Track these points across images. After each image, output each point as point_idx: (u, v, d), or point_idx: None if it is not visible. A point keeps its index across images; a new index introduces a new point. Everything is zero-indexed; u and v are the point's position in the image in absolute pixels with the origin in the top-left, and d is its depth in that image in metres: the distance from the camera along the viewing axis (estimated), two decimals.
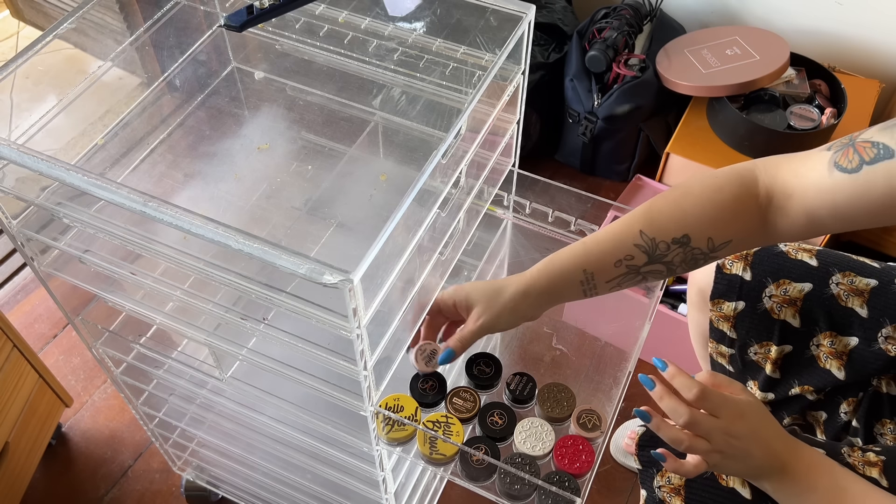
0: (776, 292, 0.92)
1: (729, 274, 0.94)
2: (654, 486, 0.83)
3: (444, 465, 0.83)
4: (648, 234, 0.75)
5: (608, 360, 1.05)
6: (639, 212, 0.77)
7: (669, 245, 0.75)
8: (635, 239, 0.76)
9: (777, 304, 0.92)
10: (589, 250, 0.78)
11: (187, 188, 0.99)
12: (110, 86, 0.88)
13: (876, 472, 0.77)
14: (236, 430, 1.02)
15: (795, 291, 0.91)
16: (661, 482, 0.83)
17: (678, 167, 1.66)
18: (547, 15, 1.76)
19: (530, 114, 1.75)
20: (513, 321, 0.82)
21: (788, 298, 0.91)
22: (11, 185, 0.73)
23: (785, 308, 0.92)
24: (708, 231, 0.75)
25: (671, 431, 0.70)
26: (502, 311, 0.80)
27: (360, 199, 1.04)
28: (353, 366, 0.69)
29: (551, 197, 1.01)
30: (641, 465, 0.84)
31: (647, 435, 0.84)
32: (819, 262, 0.91)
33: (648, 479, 0.84)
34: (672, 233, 0.75)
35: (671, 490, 0.82)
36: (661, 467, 0.83)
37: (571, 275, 0.78)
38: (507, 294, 0.80)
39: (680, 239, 0.75)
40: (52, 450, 1.40)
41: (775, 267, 0.92)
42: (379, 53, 0.95)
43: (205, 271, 0.70)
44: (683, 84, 1.62)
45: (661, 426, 0.71)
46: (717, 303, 0.95)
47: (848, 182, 0.68)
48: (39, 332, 1.57)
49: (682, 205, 0.76)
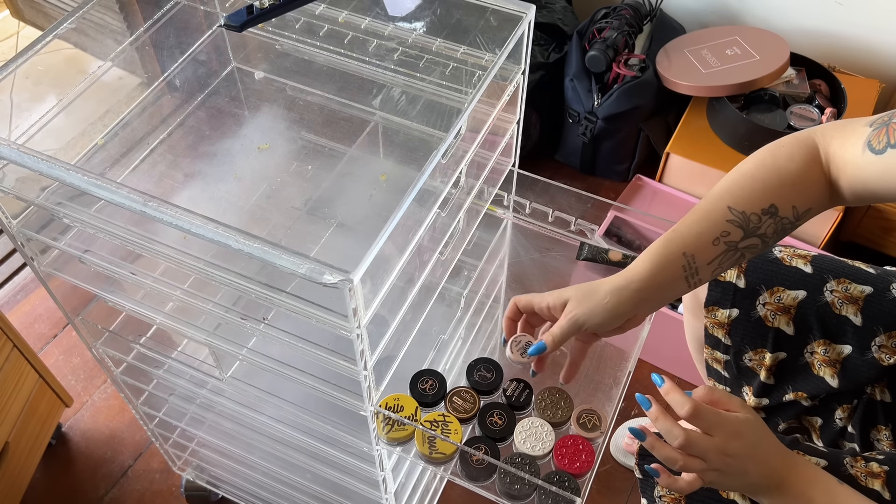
0: (770, 300, 0.91)
1: (723, 281, 0.93)
2: (655, 495, 0.83)
3: (443, 465, 0.83)
4: (737, 209, 0.74)
5: (608, 360, 1.05)
6: (718, 190, 0.77)
7: (760, 217, 0.75)
8: (726, 215, 0.75)
9: (771, 311, 0.91)
10: (683, 234, 0.76)
11: (187, 188, 0.99)
12: (110, 86, 0.88)
13: (878, 484, 0.76)
14: (236, 430, 1.02)
15: (789, 299, 0.91)
16: (662, 492, 0.83)
17: (678, 167, 1.66)
18: (547, 15, 1.76)
19: (530, 114, 1.75)
20: (609, 319, 0.76)
21: (782, 306, 0.91)
22: (11, 185, 0.73)
23: (779, 316, 0.91)
24: (791, 199, 0.75)
25: (665, 450, 0.69)
26: (595, 307, 0.76)
27: (360, 199, 1.04)
28: (353, 366, 0.69)
29: (551, 197, 1.01)
30: (642, 475, 0.84)
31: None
32: (814, 268, 0.91)
33: (649, 489, 0.84)
34: (759, 204, 0.74)
35: (672, 500, 0.82)
36: None
37: (672, 261, 0.75)
38: (602, 290, 0.76)
39: (768, 209, 0.75)
40: (52, 450, 1.40)
41: (769, 274, 0.92)
42: (379, 53, 0.95)
43: (205, 271, 0.70)
44: (683, 84, 1.62)
45: (656, 445, 0.69)
46: (711, 310, 0.95)
47: (875, 162, 0.70)
48: (39, 332, 1.57)
49: (760, 176, 0.75)
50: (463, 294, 1.08)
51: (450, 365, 1.10)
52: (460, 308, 1.10)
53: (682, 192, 1.69)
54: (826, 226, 1.56)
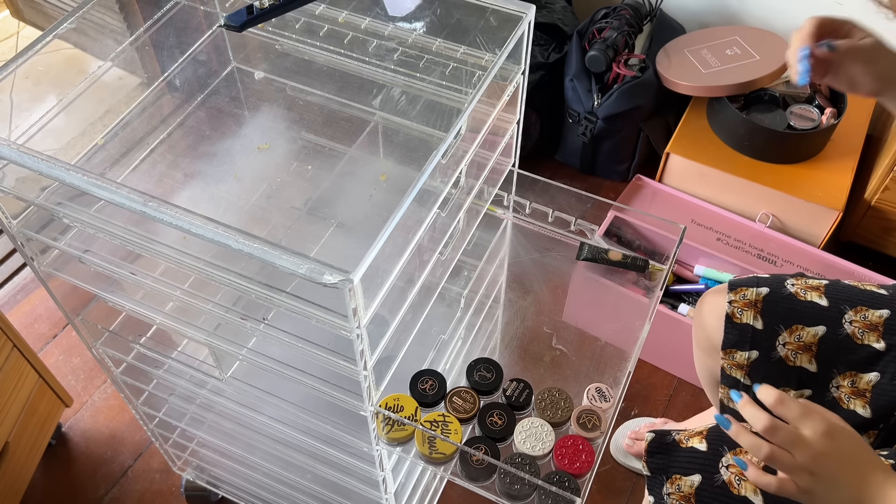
0: (790, 339, 0.90)
1: (739, 323, 0.92)
2: (664, 493, 0.82)
3: (443, 465, 0.83)
4: None
5: (608, 360, 1.05)
6: None
7: None
8: None
9: (792, 351, 0.90)
10: None
11: (187, 188, 0.99)
12: (110, 86, 0.88)
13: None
14: (236, 430, 1.02)
15: (809, 336, 0.89)
16: (671, 489, 0.82)
17: (678, 167, 1.66)
18: (547, 15, 1.76)
19: (530, 114, 1.75)
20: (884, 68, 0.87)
21: (803, 344, 0.89)
22: (11, 185, 0.73)
23: (800, 354, 0.90)
24: None
25: (749, 436, 0.67)
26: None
27: (360, 199, 1.04)
28: (353, 366, 0.69)
29: (551, 197, 1.01)
30: (651, 472, 0.83)
31: (657, 441, 0.84)
32: (829, 300, 0.90)
33: (657, 486, 0.83)
34: None
35: (681, 497, 0.81)
36: (669, 474, 0.82)
37: None
38: None
39: None
40: (52, 450, 1.40)
41: (786, 312, 0.90)
42: (379, 53, 0.95)
43: (205, 271, 0.70)
44: (683, 84, 1.62)
45: (741, 432, 0.68)
46: (729, 352, 0.93)
47: None
48: (39, 332, 1.57)
49: None
50: (463, 294, 1.08)
51: (450, 365, 1.10)
52: (460, 308, 1.10)
53: (682, 193, 1.69)
54: (826, 226, 1.56)
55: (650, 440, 0.84)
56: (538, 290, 1.17)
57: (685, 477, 0.82)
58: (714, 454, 0.82)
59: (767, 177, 1.58)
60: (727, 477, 0.80)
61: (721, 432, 0.82)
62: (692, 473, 0.82)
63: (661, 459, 0.84)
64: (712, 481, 0.80)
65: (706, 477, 0.81)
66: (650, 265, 0.97)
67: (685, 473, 0.82)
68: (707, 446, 0.83)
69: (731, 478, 0.80)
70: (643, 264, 0.98)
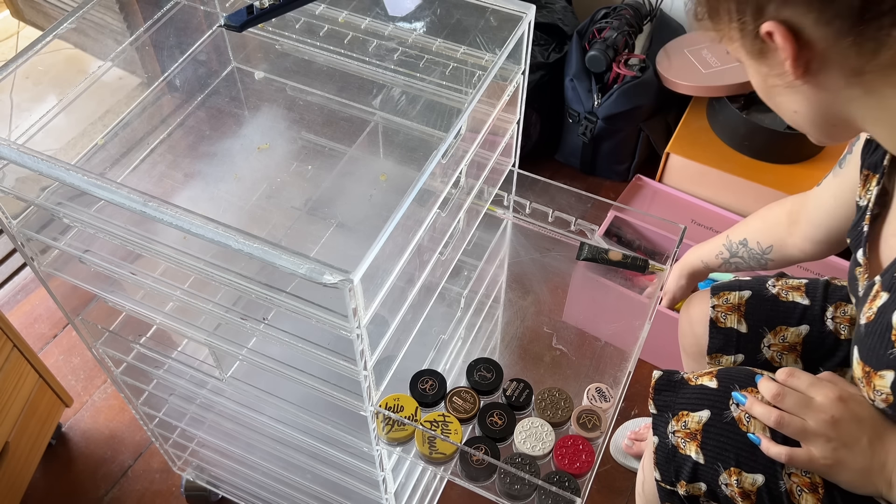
0: (774, 340, 0.91)
1: (724, 328, 0.93)
2: (668, 430, 0.80)
3: (443, 465, 0.83)
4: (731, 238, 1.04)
5: (608, 360, 1.05)
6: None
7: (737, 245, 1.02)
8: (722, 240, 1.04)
9: (777, 352, 0.91)
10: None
11: (187, 188, 0.99)
12: (110, 86, 0.88)
13: None
14: (236, 430, 1.02)
15: (793, 336, 0.90)
16: (677, 426, 0.79)
17: (678, 167, 1.66)
18: (547, 15, 1.76)
19: (530, 114, 1.75)
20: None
21: (788, 345, 0.90)
22: (11, 185, 0.73)
23: (786, 355, 0.91)
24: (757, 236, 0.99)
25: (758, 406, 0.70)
26: None
27: (360, 199, 1.04)
28: (353, 366, 0.69)
29: (551, 197, 1.01)
30: (657, 410, 0.81)
31: (665, 378, 0.82)
32: (811, 299, 0.91)
33: (662, 424, 0.81)
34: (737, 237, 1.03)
35: (686, 435, 0.78)
36: (676, 411, 0.80)
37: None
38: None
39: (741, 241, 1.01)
40: (52, 450, 1.40)
41: (769, 314, 0.91)
42: (379, 53, 0.95)
43: (205, 271, 0.70)
44: (683, 84, 1.62)
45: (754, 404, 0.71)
46: (715, 357, 0.94)
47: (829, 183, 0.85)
48: (39, 332, 1.57)
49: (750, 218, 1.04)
50: (463, 294, 1.08)
51: (450, 365, 1.10)
52: (460, 308, 1.10)
53: (682, 192, 1.69)
54: None
55: (658, 377, 0.82)
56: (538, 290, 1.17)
57: (693, 413, 0.79)
58: (724, 391, 0.79)
59: (767, 177, 1.58)
60: (737, 414, 0.77)
61: (731, 372, 0.81)
62: (701, 409, 0.79)
63: (668, 397, 0.81)
64: (721, 417, 0.77)
65: (715, 413, 0.78)
66: (650, 265, 0.97)
67: (693, 409, 0.79)
68: (717, 384, 0.80)
69: (742, 415, 0.77)
70: (643, 264, 0.98)
